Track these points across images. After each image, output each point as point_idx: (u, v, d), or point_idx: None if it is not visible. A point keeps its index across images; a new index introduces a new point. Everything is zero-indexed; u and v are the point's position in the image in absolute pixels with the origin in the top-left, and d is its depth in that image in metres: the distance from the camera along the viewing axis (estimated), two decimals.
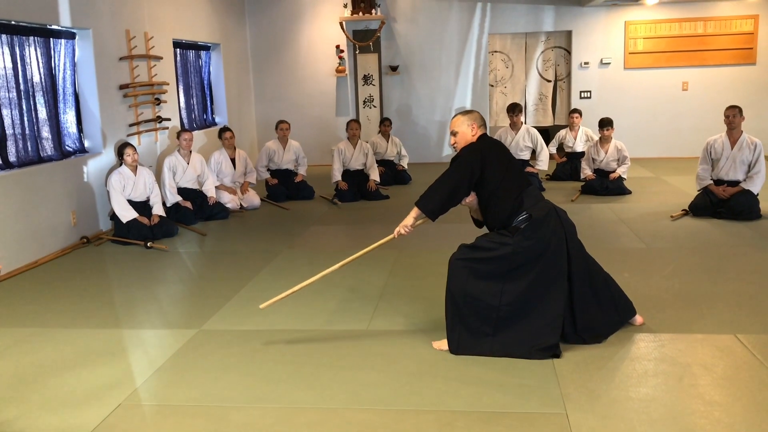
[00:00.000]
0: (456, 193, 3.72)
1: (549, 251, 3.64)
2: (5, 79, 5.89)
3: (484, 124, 3.88)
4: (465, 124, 3.83)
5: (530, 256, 3.63)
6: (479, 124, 3.84)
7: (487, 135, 3.89)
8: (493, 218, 3.78)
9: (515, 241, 3.61)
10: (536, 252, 3.63)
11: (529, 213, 3.65)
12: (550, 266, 3.65)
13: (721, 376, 3.38)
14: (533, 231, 3.62)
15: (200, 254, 6.17)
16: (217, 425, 3.05)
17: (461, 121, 3.84)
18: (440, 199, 3.73)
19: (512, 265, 3.64)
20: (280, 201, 8.39)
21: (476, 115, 3.86)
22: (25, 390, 3.46)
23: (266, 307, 4.05)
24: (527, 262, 3.64)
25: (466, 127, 3.83)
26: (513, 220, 3.67)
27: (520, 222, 3.65)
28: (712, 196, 6.80)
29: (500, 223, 3.73)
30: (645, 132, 10.99)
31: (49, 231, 6.13)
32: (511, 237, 3.63)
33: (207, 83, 10.02)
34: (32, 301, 4.93)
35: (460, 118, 3.86)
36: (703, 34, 10.63)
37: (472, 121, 3.83)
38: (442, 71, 11.21)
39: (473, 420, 3.01)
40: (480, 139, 3.82)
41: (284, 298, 4.06)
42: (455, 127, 3.86)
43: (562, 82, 11.34)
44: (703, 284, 4.78)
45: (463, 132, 3.83)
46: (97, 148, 6.97)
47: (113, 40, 7.15)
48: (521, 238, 3.61)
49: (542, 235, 3.63)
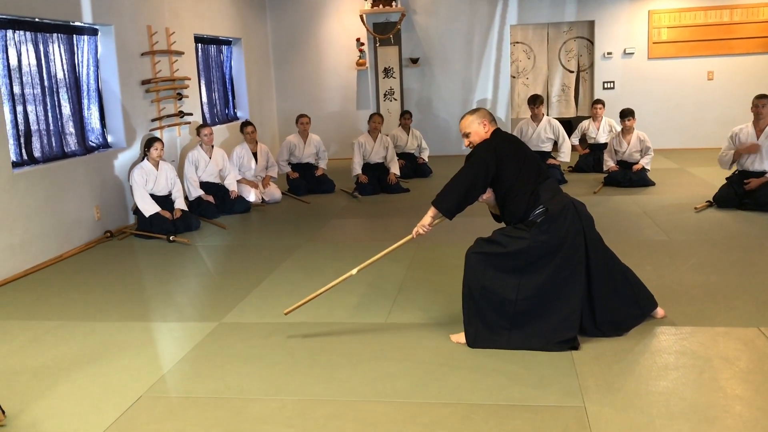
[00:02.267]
0: (472, 191, 3.71)
1: (566, 245, 3.62)
2: (30, 75, 5.97)
3: (494, 120, 3.85)
4: (476, 123, 3.80)
5: (547, 250, 3.60)
6: (490, 120, 3.81)
7: (500, 130, 3.86)
8: (509, 213, 3.76)
9: (531, 235, 3.59)
10: (553, 246, 3.60)
11: (545, 207, 3.62)
12: (567, 260, 3.63)
13: (743, 369, 3.33)
14: (550, 225, 3.59)
15: (222, 248, 6.22)
16: (236, 417, 3.08)
17: (471, 121, 3.81)
18: (456, 198, 3.72)
19: (529, 259, 3.62)
20: (301, 195, 8.43)
21: (485, 112, 3.83)
22: (49, 381, 3.52)
23: (290, 312, 4.08)
24: (544, 256, 3.61)
25: (477, 125, 3.79)
26: (530, 215, 3.65)
27: (537, 216, 3.63)
28: (737, 187, 6.70)
29: (517, 217, 3.71)
30: (669, 122, 10.85)
31: (73, 225, 6.22)
32: (527, 231, 3.61)
33: (228, 78, 10.08)
34: (56, 295, 5.01)
35: (469, 117, 3.83)
36: (729, 23, 10.44)
37: (482, 118, 3.80)
38: (463, 63, 11.16)
39: (491, 413, 3.01)
40: (493, 134, 3.80)
41: (307, 303, 4.08)
42: (466, 128, 3.82)
43: (585, 73, 11.22)
44: (726, 277, 4.72)
45: (475, 131, 3.80)
46: (120, 143, 7.05)
47: (135, 36, 7.22)
48: (537, 232, 3.59)
49: (559, 228, 3.60)
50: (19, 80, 5.84)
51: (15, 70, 5.80)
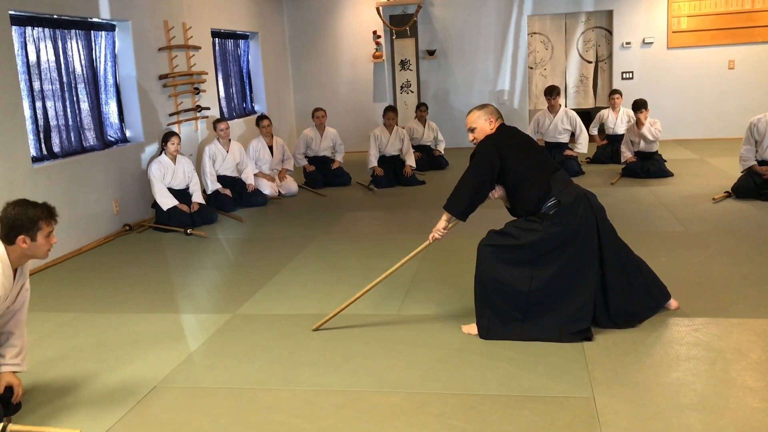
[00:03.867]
0: (480, 190, 3.71)
1: (579, 236, 3.61)
2: (49, 71, 6.06)
3: (501, 116, 3.85)
4: (482, 119, 3.80)
5: (560, 242, 3.60)
6: (496, 117, 3.81)
7: (505, 125, 3.85)
8: (520, 206, 3.76)
9: (544, 228, 3.59)
10: (566, 237, 3.60)
11: (557, 199, 3.61)
12: (580, 251, 3.62)
13: (756, 361, 3.31)
14: (562, 217, 3.59)
15: (238, 240, 6.28)
16: (248, 406, 3.12)
17: (478, 116, 3.81)
18: (466, 199, 3.72)
19: (541, 251, 3.62)
20: (317, 187, 8.47)
21: (491, 108, 3.84)
22: (66, 372, 3.59)
23: (319, 327, 3.98)
24: (557, 248, 3.61)
25: (483, 121, 3.79)
26: (541, 207, 3.64)
27: (549, 208, 3.62)
28: (756, 177, 6.62)
29: (528, 210, 3.70)
30: (689, 113, 10.71)
31: (92, 219, 6.31)
32: (539, 223, 3.61)
33: (246, 72, 10.14)
34: (75, 287, 5.10)
35: (476, 113, 3.83)
36: (751, 10, 10.26)
37: (488, 114, 3.80)
38: (480, 54, 11.11)
39: (499, 403, 3.02)
40: (498, 130, 3.79)
41: (335, 316, 4.00)
42: (473, 123, 3.82)
43: (604, 63, 11.12)
44: (742, 268, 4.67)
45: (481, 127, 3.80)
46: (138, 137, 7.14)
47: (152, 31, 7.29)
48: (550, 224, 3.59)
49: (571, 220, 3.59)
50: (39, 76, 5.93)
51: (34, 67, 5.89)
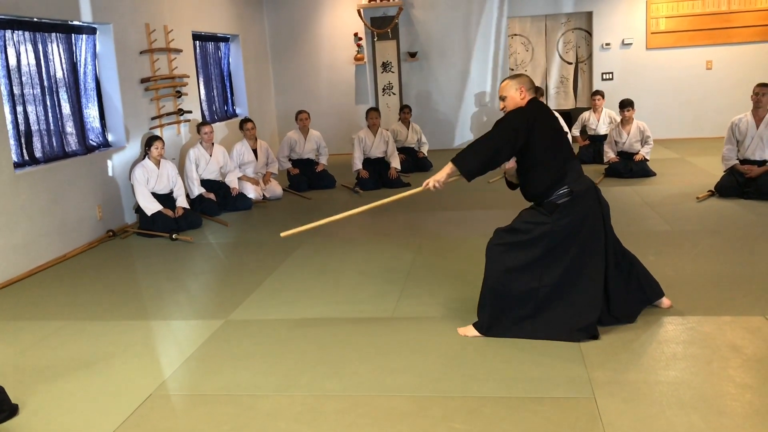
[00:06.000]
0: (497, 155, 3.60)
1: (586, 228, 3.60)
2: (29, 75, 5.95)
3: (533, 88, 3.77)
4: (513, 88, 3.72)
5: (568, 234, 3.59)
6: (528, 88, 3.72)
7: (537, 99, 3.77)
8: (533, 187, 3.71)
9: (553, 220, 3.58)
10: (574, 229, 3.59)
11: (570, 188, 3.59)
12: (588, 243, 3.62)
13: (751, 357, 3.34)
14: (571, 207, 3.58)
15: (225, 245, 6.21)
16: (246, 413, 3.08)
17: (510, 85, 3.74)
18: (480, 160, 3.60)
19: (551, 244, 3.60)
20: (302, 191, 8.42)
21: (525, 79, 3.75)
22: (57, 382, 3.52)
23: (287, 235, 4.04)
24: (565, 240, 3.60)
25: (514, 91, 3.72)
26: (552, 193, 3.61)
27: (559, 197, 3.60)
28: (738, 176, 6.70)
29: (539, 193, 3.67)
30: (669, 112, 10.84)
31: (75, 225, 6.21)
32: (548, 216, 3.60)
33: (227, 75, 10.05)
34: (61, 295, 5.01)
35: (509, 82, 3.76)
36: (727, 12, 10.42)
37: (520, 84, 3.72)
38: (462, 56, 11.14)
39: (500, 406, 3.01)
40: (530, 103, 3.72)
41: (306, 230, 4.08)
42: (503, 91, 3.76)
43: (584, 64, 11.21)
44: (730, 266, 4.72)
45: (511, 96, 3.72)
46: (120, 142, 7.04)
47: (133, 34, 7.20)
48: (558, 216, 3.57)
49: (579, 211, 3.58)
50: (19, 80, 5.82)
51: (14, 71, 5.78)
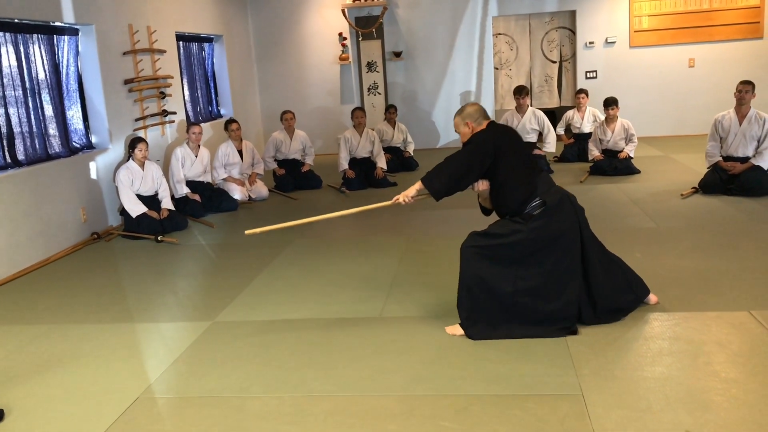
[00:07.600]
0: (465, 176, 3.70)
1: (562, 238, 3.64)
2: (11, 77, 5.89)
3: (482, 115, 3.84)
4: (461, 125, 3.86)
5: (544, 243, 3.62)
6: (475, 119, 3.82)
7: (495, 123, 3.88)
8: (505, 205, 3.77)
9: (529, 228, 3.61)
10: (550, 238, 3.62)
11: (542, 199, 3.64)
12: (564, 253, 3.65)
13: (736, 353, 3.37)
14: (548, 217, 3.61)
15: (211, 246, 6.18)
16: (235, 415, 3.07)
17: (457, 123, 3.89)
18: (447, 180, 3.69)
19: (525, 251, 3.63)
20: (288, 191, 8.40)
21: (470, 110, 3.84)
22: (44, 386, 3.49)
23: (251, 234, 4.06)
24: (541, 249, 3.63)
25: (463, 126, 3.85)
26: (526, 207, 3.66)
27: (534, 208, 3.64)
28: (722, 173, 6.76)
29: (513, 210, 3.71)
30: (652, 110, 10.92)
31: (59, 228, 6.15)
32: (524, 224, 3.63)
33: (211, 75, 10.01)
34: (46, 298, 4.96)
35: (456, 119, 3.90)
36: (709, 10, 10.51)
37: (465, 119, 3.84)
38: (446, 56, 11.15)
39: (489, 404, 3.02)
40: (489, 126, 3.81)
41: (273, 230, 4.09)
42: (456, 129, 3.92)
43: (568, 63, 11.26)
44: (715, 262, 4.76)
45: (463, 132, 3.86)
46: (104, 143, 6.98)
47: (116, 35, 7.15)
48: (534, 225, 3.61)
49: (556, 221, 3.62)
50: (0, 82, 5.76)
51: None
